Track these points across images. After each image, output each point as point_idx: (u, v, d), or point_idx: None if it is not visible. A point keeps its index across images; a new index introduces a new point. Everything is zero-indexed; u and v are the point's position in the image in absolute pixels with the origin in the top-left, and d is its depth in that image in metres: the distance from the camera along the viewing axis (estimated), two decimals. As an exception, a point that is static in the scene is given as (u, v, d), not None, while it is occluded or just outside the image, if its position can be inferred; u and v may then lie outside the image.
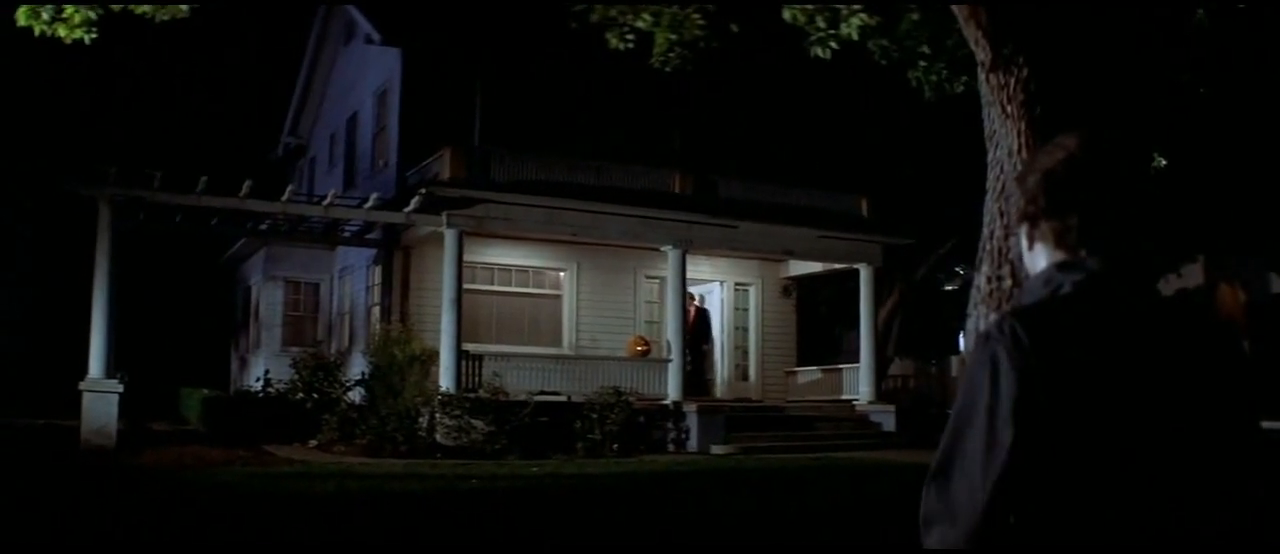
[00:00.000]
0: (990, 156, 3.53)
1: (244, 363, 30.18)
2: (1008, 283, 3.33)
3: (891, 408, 24.27)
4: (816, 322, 28.68)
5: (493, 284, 24.17)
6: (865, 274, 25.31)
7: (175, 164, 20.99)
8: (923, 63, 8.54)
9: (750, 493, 14.84)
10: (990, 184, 3.51)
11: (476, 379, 21.07)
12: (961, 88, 9.50)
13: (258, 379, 23.36)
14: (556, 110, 24.31)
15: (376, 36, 24.41)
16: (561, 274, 24.88)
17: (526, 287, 24.66)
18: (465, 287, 21.98)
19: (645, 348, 23.64)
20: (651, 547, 10.12)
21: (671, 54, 7.82)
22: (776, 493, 14.65)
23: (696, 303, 25.19)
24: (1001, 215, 3.42)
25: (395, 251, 23.33)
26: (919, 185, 26.28)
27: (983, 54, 3.44)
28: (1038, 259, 2.31)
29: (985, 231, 3.44)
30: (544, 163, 22.52)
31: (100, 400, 18.99)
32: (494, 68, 23.94)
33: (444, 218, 21.13)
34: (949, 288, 30.63)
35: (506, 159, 22.33)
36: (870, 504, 13.31)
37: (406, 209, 21.24)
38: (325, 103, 31.92)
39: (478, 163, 21.96)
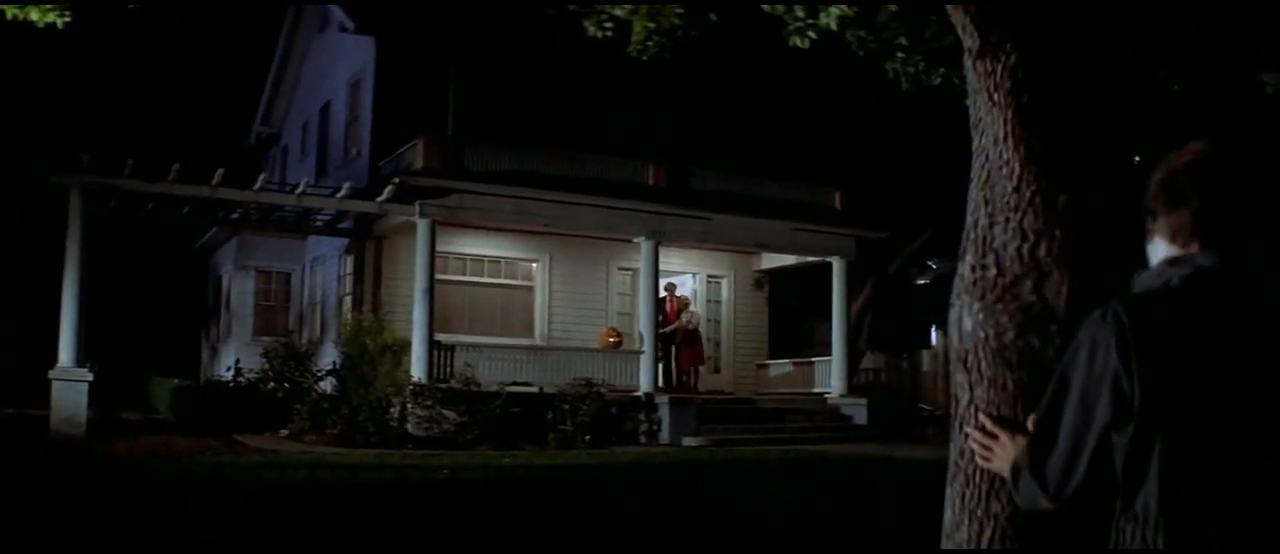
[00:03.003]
0: (975, 144, 3.54)
1: (215, 352, 30.03)
2: (992, 272, 3.34)
3: (863, 401, 24.34)
4: (788, 315, 28.72)
5: (465, 274, 24.12)
6: (838, 267, 25.36)
7: (147, 152, 20.83)
8: (900, 54, 8.53)
9: (719, 484, 14.87)
10: (975, 172, 3.52)
11: (448, 370, 21.03)
12: (939, 80, 9.50)
13: (228, 369, 23.23)
14: (531, 100, 24.24)
15: (350, 25, 24.31)
16: (534, 265, 24.85)
17: (499, 277, 24.62)
18: (438, 277, 21.94)
19: (617, 340, 23.62)
20: (618, 536, 10.11)
21: (649, 43, 7.79)
22: (745, 484, 14.68)
23: (675, 294, 25.03)
24: (986, 204, 3.43)
25: (367, 241, 23.25)
26: (893, 179, 26.35)
27: (970, 40, 3.44)
28: (1155, 254, 2.43)
29: (969, 220, 3.45)
30: (518, 153, 22.47)
31: (70, 389, 18.86)
32: (468, 57, 23.84)
33: (417, 207, 21.06)
34: (921, 282, 30.72)
35: (480, 149, 22.27)
36: (841, 496, 13.37)
37: (379, 198, 21.18)
38: (298, 91, 31.77)
39: (451, 153, 21.89)
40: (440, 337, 21.40)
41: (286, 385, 20.85)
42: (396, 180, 21.12)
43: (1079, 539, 3.06)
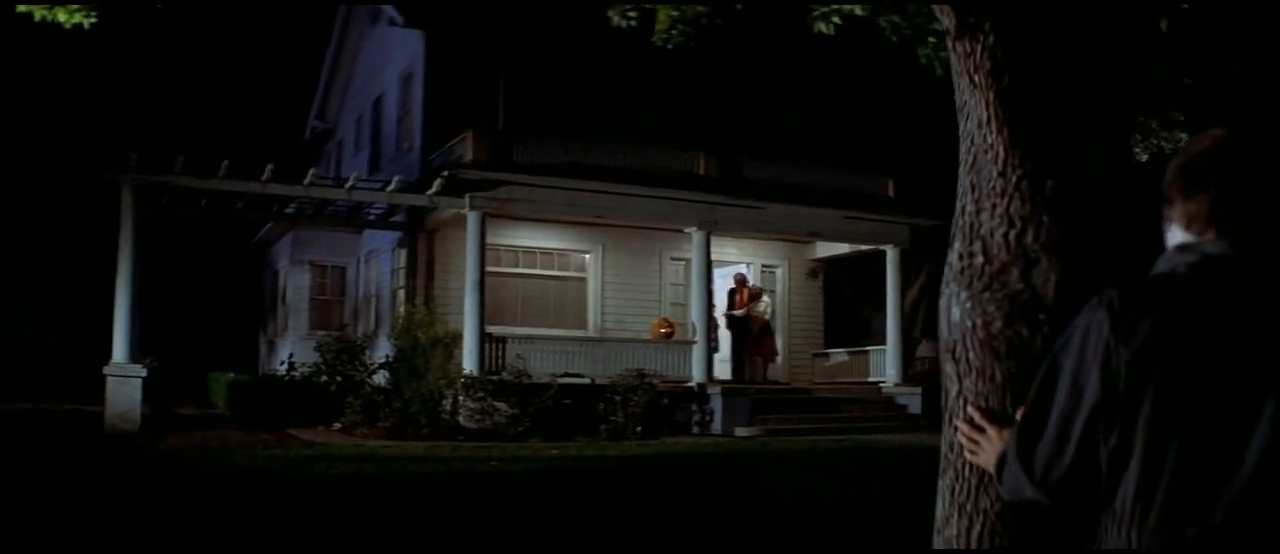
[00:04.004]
0: (961, 129, 3.44)
1: (272, 346, 30.30)
2: (980, 260, 3.23)
3: (918, 390, 24.08)
4: (844, 304, 28.50)
5: (518, 266, 24.11)
6: (892, 255, 25.14)
7: (203, 149, 21.08)
8: (932, 40, 8.39)
9: (765, 475, 14.76)
10: (962, 156, 3.41)
11: (500, 362, 21.06)
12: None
13: (282, 363, 23.43)
14: (581, 92, 24.21)
15: (400, 19, 24.38)
16: (587, 256, 24.80)
17: (552, 269, 24.59)
18: (490, 269, 21.99)
19: (669, 330, 23.54)
20: (656, 528, 10.04)
21: (674, 31, 7.70)
22: (795, 475, 14.55)
23: (745, 285, 25.05)
24: (973, 189, 3.33)
25: (419, 235, 23.31)
26: (945, 166, 26.01)
27: (947, 21, 3.34)
28: (1171, 241, 2.37)
29: (958, 206, 3.35)
30: (567, 145, 22.43)
31: (124, 385, 19.07)
32: (518, 50, 23.84)
33: (467, 200, 21.10)
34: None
35: (530, 141, 22.25)
36: (891, 485, 13.21)
37: (429, 192, 21.22)
38: (352, 86, 31.95)
39: (501, 145, 21.90)
40: (492, 329, 21.44)
41: (339, 379, 20.95)
42: (445, 173, 21.17)
43: (1069, 538, 2.95)
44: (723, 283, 26.57)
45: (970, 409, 3.15)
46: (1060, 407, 2.32)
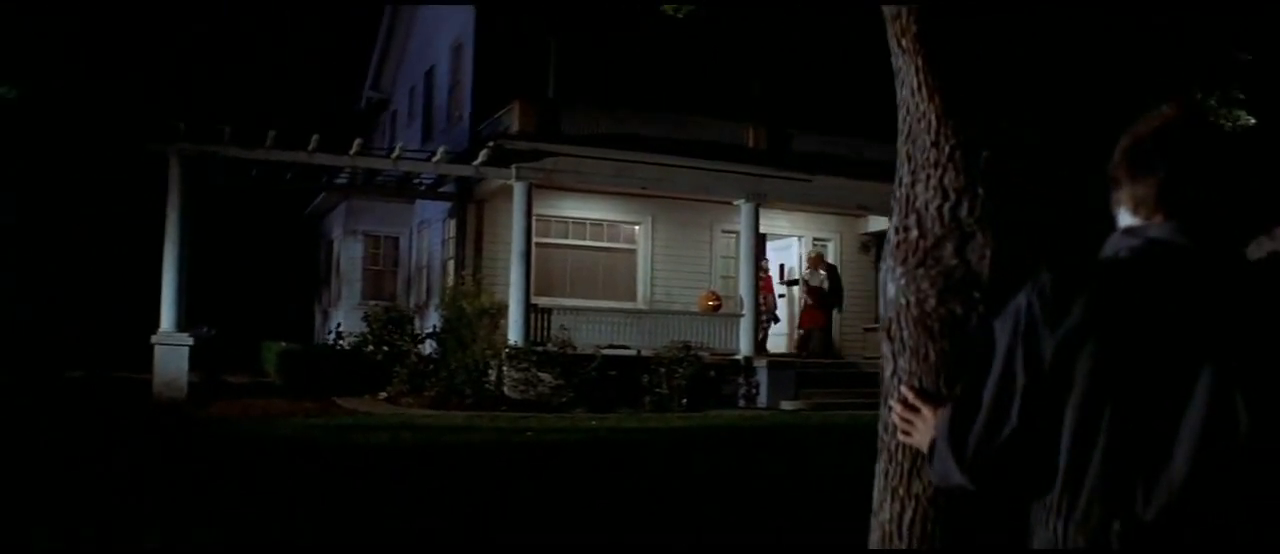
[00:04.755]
0: (898, 95, 3.29)
1: (326, 316, 30.54)
2: (914, 234, 3.11)
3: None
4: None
5: (567, 238, 24.05)
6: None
7: (259, 120, 21.19)
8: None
9: (801, 447, 14.63)
10: (899, 124, 3.28)
11: (546, 332, 21.06)
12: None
13: (330, 332, 23.60)
14: (630, 63, 24.06)
15: (450, -9, 24.39)
16: (636, 228, 24.69)
17: (601, 240, 24.50)
18: (539, 240, 22.01)
19: (717, 303, 23.42)
20: (664, 504, 9.96)
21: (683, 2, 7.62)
22: (827, 448, 14.41)
23: (823, 257, 25.14)
24: (908, 160, 3.20)
25: (469, 205, 23.31)
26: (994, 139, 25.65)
27: (873, -17, 3.21)
28: (1119, 223, 2.30)
29: (896, 177, 3.21)
30: (616, 115, 22.31)
31: (171, 353, 19.26)
32: (568, 20, 23.75)
33: (513, 171, 21.07)
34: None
35: (578, 112, 22.17)
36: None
37: (475, 162, 21.21)
38: (406, 56, 32.04)
39: (548, 115, 21.82)
40: (537, 300, 21.44)
41: (385, 349, 21.06)
42: (491, 144, 21.15)
43: (1003, 527, 2.83)
44: (776, 256, 26.43)
45: (904, 389, 3.05)
46: (991, 392, 2.24)
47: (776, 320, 25.26)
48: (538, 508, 9.38)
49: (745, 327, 22.47)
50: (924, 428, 2.72)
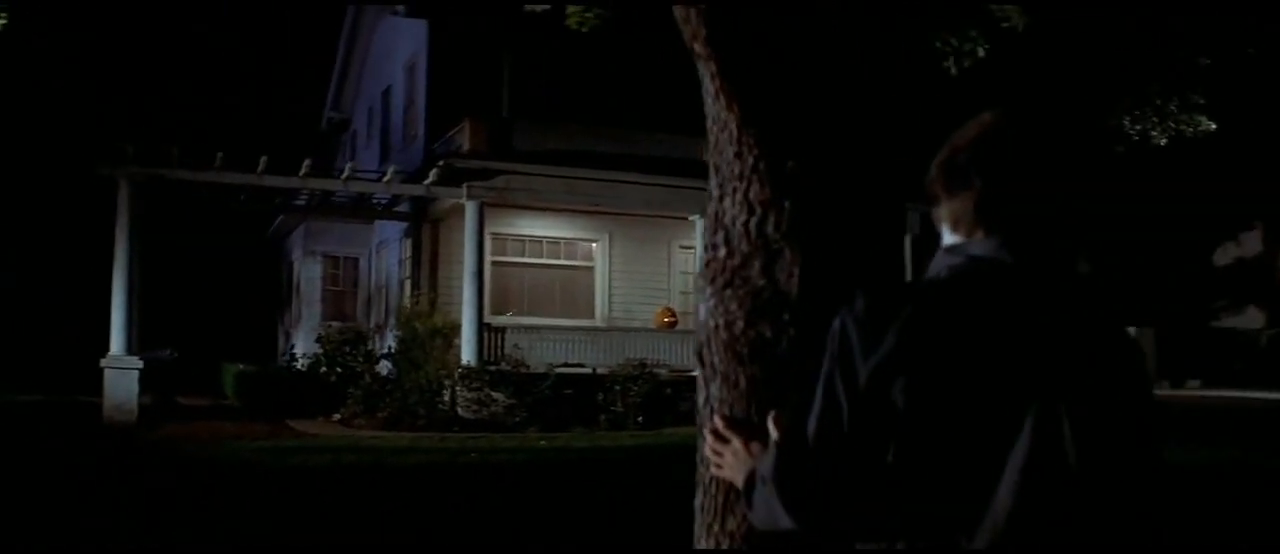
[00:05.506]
0: (705, 106, 3.17)
1: (288, 337, 30.32)
2: (722, 253, 2.98)
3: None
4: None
5: (525, 256, 23.92)
6: (905, 243, 24.78)
7: (226, 142, 21.04)
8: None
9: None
10: (707, 137, 3.15)
11: (500, 351, 20.91)
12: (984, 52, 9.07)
13: (285, 355, 23.44)
14: (584, 80, 23.95)
15: (402, 8, 24.26)
16: (594, 245, 24.58)
17: (559, 258, 24.38)
18: (496, 259, 21.91)
19: (673, 319, 23.31)
20: (608, 518, 9.83)
21: (588, 15, 7.52)
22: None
23: None
24: (716, 172, 3.07)
25: (424, 225, 23.18)
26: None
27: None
28: (943, 242, 2.16)
29: (708, 194, 3.08)
30: (568, 133, 22.21)
31: (121, 377, 19.07)
32: (521, 37, 23.64)
33: (464, 190, 20.94)
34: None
35: (531, 130, 22.05)
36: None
37: (426, 182, 21.09)
38: (364, 76, 31.92)
39: (501, 133, 21.71)
40: (491, 319, 21.29)
41: (338, 370, 20.90)
42: (442, 163, 21.02)
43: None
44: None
45: (716, 418, 2.90)
46: (814, 427, 2.06)
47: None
48: (458, 532, 9.24)
49: (703, 343, 22.33)
50: (737, 462, 2.52)
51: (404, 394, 19.62)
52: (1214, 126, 24.36)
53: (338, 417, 20.11)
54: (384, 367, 21.13)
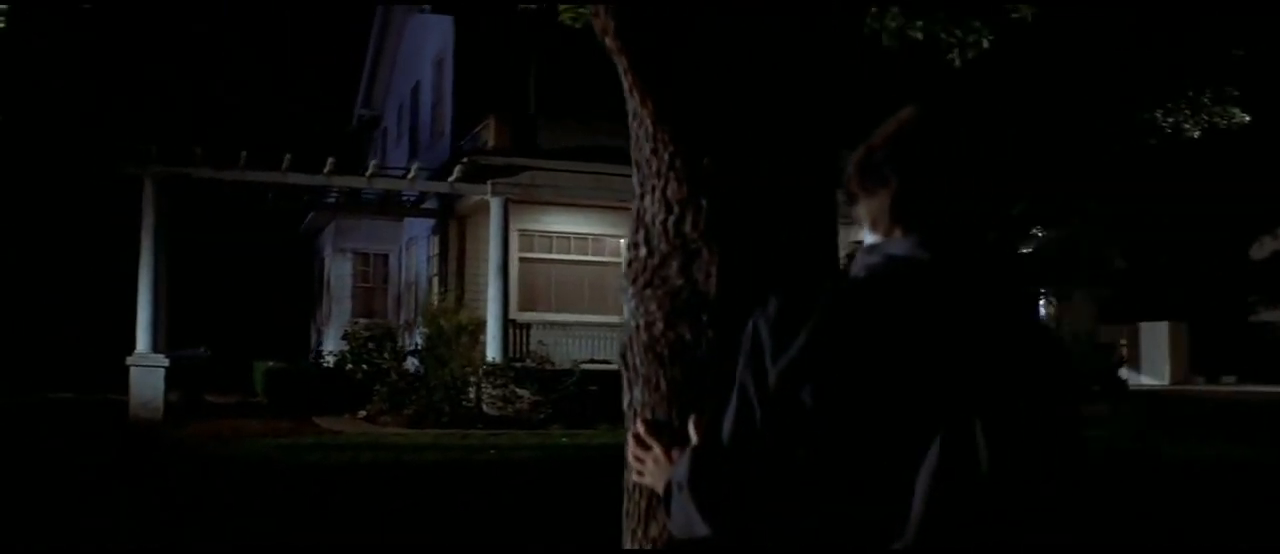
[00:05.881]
0: (627, 102, 3.07)
1: (320, 335, 30.42)
2: (643, 252, 2.89)
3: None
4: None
5: (551, 252, 23.84)
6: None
7: (260, 141, 21.14)
8: (873, 8, 8.04)
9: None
10: (630, 133, 3.06)
11: (525, 348, 20.88)
12: (920, 33, 8.96)
13: (312, 352, 23.52)
14: (610, 75, 23.66)
15: (427, 4, 24.24)
16: (621, 241, 24.39)
17: (586, 254, 24.29)
18: (523, 255, 21.86)
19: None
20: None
21: (582, 11, 7.46)
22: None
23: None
24: (637, 169, 2.98)
25: (451, 222, 23.18)
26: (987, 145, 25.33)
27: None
28: (864, 241, 2.10)
29: (633, 191, 2.99)
30: (592, 129, 22.07)
31: (147, 374, 19.16)
32: (548, 33, 23.51)
33: (489, 186, 20.90)
34: (1026, 251, 29.61)
35: (555, 126, 22.00)
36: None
37: (450, 179, 21.08)
38: (394, 73, 31.97)
39: (526, 130, 21.67)
40: (517, 315, 21.26)
41: (365, 367, 20.91)
42: (466, 160, 21.00)
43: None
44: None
45: (638, 423, 2.82)
46: (728, 432, 2.00)
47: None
48: (461, 530, 9.18)
49: (733, 338, 22.22)
50: (655, 468, 2.45)
51: (429, 391, 19.61)
52: (1248, 118, 23.87)
53: (363, 414, 20.13)
54: (412, 363, 21.12)
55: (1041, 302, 23.98)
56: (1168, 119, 23.67)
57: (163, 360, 19.32)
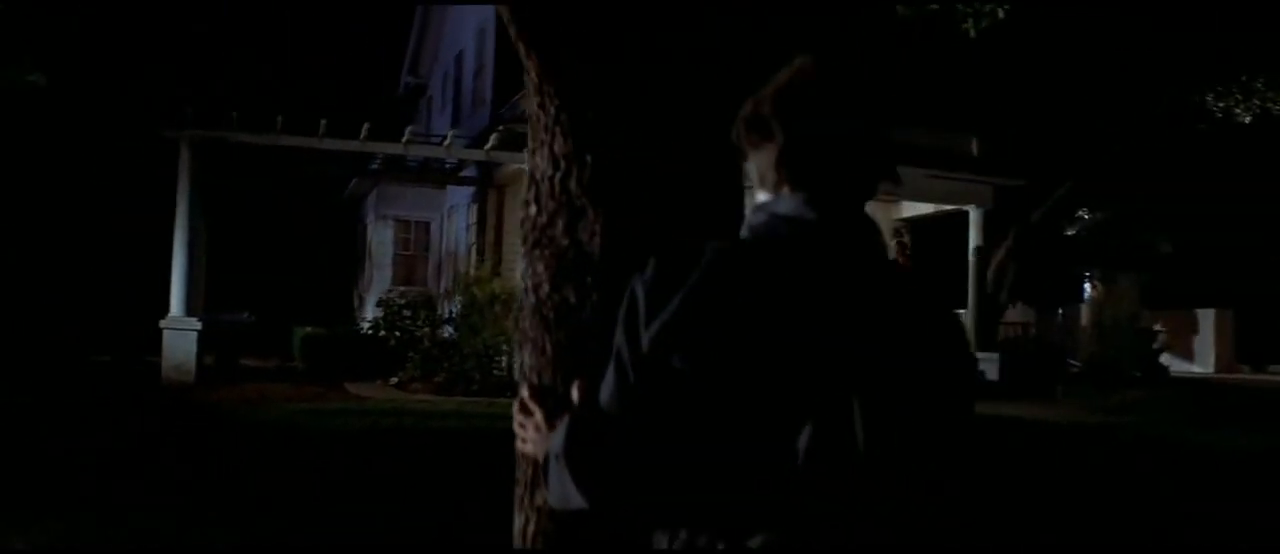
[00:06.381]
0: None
1: (362, 301, 30.54)
2: (533, 210, 2.79)
3: (995, 356, 23.21)
4: (931, 266, 27.63)
5: (590, 223, 23.73)
6: (974, 216, 24.27)
7: (302, 107, 21.23)
8: None
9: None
10: None
11: (558, 319, 20.82)
12: (935, 4, 8.78)
13: (366, 317, 23.67)
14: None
15: (471, -28, 24.23)
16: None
17: (624, 226, 24.16)
18: (561, 225, 21.74)
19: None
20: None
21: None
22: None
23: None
24: (531, 125, 2.86)
25: (489, 190, 23.13)
26: (1033, 126, 25.01)
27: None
28: (755, 200, 2.01)
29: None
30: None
31: (180, 338, 19.30)
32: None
33: (526, 155, 20.76)
34: (1071, 233, 29.21)
35: (595, 96, 21.86)
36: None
37: (486, 147, 21.02)
38: (440, 42, 31.99)
39: (563, 99, 21.55)
40: (550, 285, 21.19)
41: (397, 334, 20.96)
42: (501, 127, 20.94)
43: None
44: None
45: (523, 388, 2.71)
46: (605, 399, 1.92)
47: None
48: (460, 493, 9.14)
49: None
50: (537, 436, 2.32)
51: (462, 359, 19.60)
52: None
53: (395, 380, 20.15)
54: (448, 331, 21.13)
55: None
56: (1219, 104, 23.29)
57: (195, 324, 19.45)
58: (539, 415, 2.36)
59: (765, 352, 1.79)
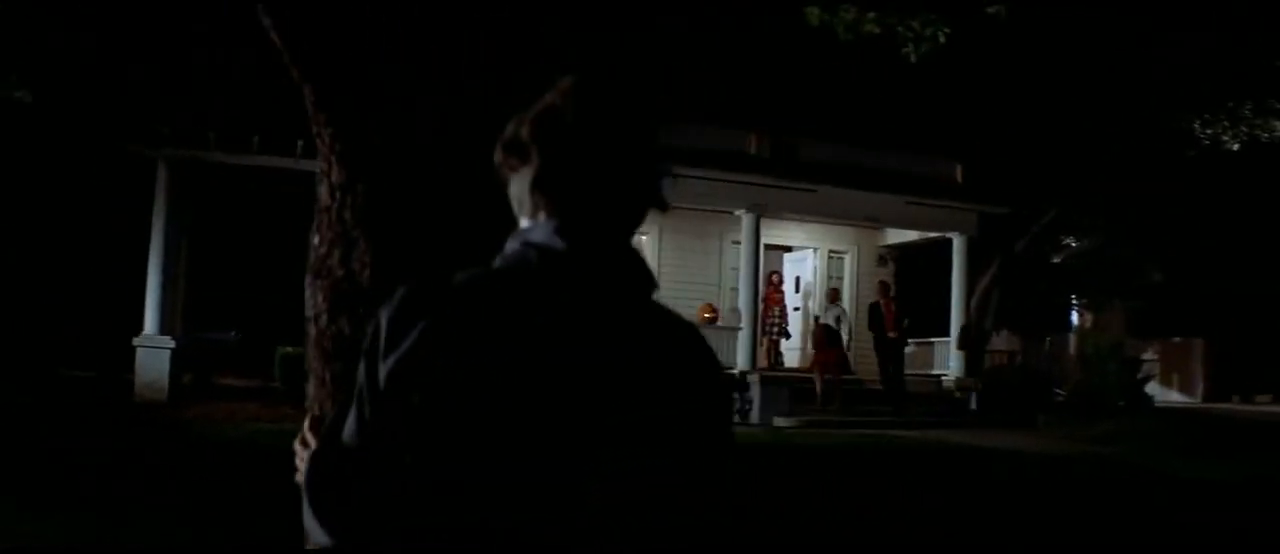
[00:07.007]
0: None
1: (347, 321, 30.55)
2: (315, 241, 2.71)
3: (978, 384, 23.12)
4: (916, 294, 27.52)
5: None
6: (957, 243, 24.22)
7: (290, 125, 21.11)
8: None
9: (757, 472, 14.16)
10: None
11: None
12: (877, 28, 8.75)
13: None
14: (631, 68, 23.70)
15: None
16: (643, 238, 24.27)
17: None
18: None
19: (712, 315, 22.94)
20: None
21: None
22: (806, 471, 13.92)
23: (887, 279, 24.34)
24: (317, 160, 2.79)
25: (467, 213, 23.11)
26: (1017, 153, 24.97)
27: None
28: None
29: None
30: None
31: (153, 356, 19.30)
32: (568, 24, 23.42)
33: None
34: (1056, 260, 29.13)
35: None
36: (884, 485, 12.57)
37: (463, 169, 20.99)
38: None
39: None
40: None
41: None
42: (480, 152, 20.93)
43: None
44: (791, 268, 25.90)
45: (306, 420, 2.65)
46: (348, 432, 1.84)
47: (787, 336, 24.64)
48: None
49: (743, 340, 21.99)
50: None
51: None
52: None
53: (369, 401, 20.08)
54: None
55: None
56: (1206, 130, 23.23)
57: (169, 341, 19.44)
58: (316, 447, 2.30)
59: (498, 390, 1.71)
